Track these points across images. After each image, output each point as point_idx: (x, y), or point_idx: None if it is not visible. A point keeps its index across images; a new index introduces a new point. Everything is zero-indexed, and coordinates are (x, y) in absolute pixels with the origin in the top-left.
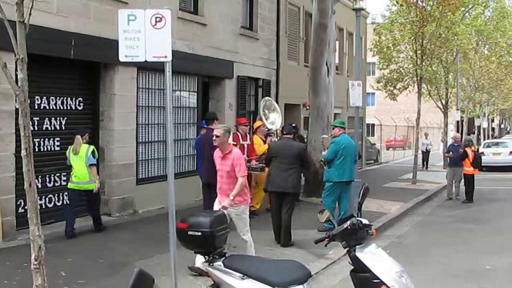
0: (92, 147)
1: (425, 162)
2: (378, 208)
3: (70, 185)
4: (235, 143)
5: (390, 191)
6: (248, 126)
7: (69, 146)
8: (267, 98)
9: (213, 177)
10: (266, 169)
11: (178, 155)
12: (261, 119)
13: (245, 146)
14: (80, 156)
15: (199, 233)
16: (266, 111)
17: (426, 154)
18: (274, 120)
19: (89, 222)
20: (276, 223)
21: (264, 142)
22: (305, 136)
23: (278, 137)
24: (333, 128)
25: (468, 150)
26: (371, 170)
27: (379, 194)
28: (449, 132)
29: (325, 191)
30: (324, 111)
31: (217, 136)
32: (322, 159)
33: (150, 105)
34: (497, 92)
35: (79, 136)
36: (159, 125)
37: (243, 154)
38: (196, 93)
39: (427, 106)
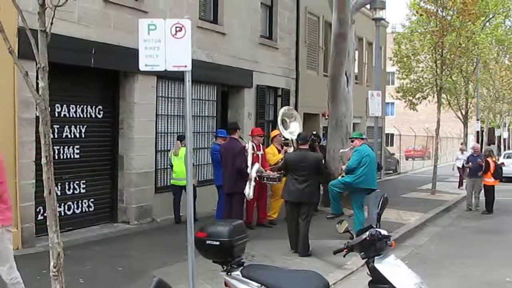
0: None
1: (461, 181)
2: (397, 219)
3: (172, 182)
4: (253, 151)
5: (409, 201)
6: (263, 137)
7: (170, 150)
8: (287, 107)
9: (236, 186)
10: (283, 179)
11: (197, 163)
12: (278, 128)
13: (259, 156)
14: (180, 157)
15: (218, 243)
16: (287, 120)
17: (462, 170)
18: (294, 130)
19: (105, 230)
20: (292, 232)
21: (279, 151)
22: (325, 145)
23: (294, 147)
24: (352, 141)
25: (489, 160)
26: (390, 180)
27: (398, 204)
28: (469, 143)
29: (339, 184)
30: (343, 121)
31: None
32: (344, 170)
33: (169, 113)
34: None
35: (178, 142)
36: (178, 133)
37: (258, 164)
38: (215, 102)
39: (446, 116)
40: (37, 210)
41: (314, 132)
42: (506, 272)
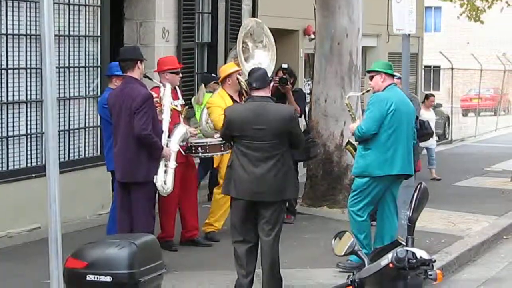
0: None
1: None
2: (447, 228)
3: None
4: (156, 98)
5: (469, 195)
6: (180, 75)
7: (193, 97)
8: (254, 19)
9: (137, 170)
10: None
11: (68, 128)
12: (235, 59)
13: (178, 111)
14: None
15: (109, 279)
16: (250, 44)
17: None
18: (261, 59)
19: None
20: (247, 257)
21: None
22: (308, 92)
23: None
24: (372, 77)
25: None
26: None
27: (448, 200)
28: None
29: (354, 195)
30: (344, 43)
31: None
32: (355, 134)
33: (10, 32)
34: None
35: (203, 85)
36: (29, 70)
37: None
38: (99, 9)
39: None
40: None
41: (285, 66)
42: None
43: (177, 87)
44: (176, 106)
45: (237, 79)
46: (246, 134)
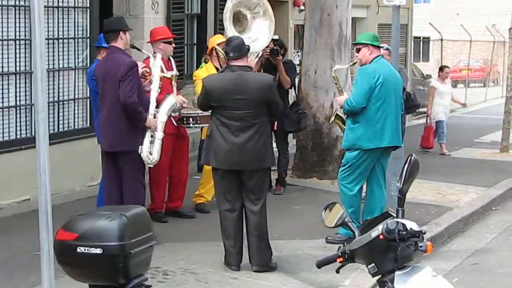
0: None
1: None
2: (437, 199)
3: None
4: (145, 69)
5: (458, 166)
6: (173, 45)
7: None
8: None
9: (123, 140)
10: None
11: (57, 99)
12: (225, 31)
13: (172, 81)
14: None
15: (99, 251)
16: (247, 14)
17: None
18: (259, 35)
19: None
20: (234, 226)
21: None
22: (298, 63)
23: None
24: (358, 50)
25: None
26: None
27: (438, 172)
28: None
29: (344, 168)
30: (334, 15)
31: None
32: (344, 108)
33: None
34: None
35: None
36: (18, 42)
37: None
38: None
39: None
40: None
41: (276, 37)
42: None
43: (171, 58)
44: (167, 76)
45: (215, 49)
46: (226, 104)
